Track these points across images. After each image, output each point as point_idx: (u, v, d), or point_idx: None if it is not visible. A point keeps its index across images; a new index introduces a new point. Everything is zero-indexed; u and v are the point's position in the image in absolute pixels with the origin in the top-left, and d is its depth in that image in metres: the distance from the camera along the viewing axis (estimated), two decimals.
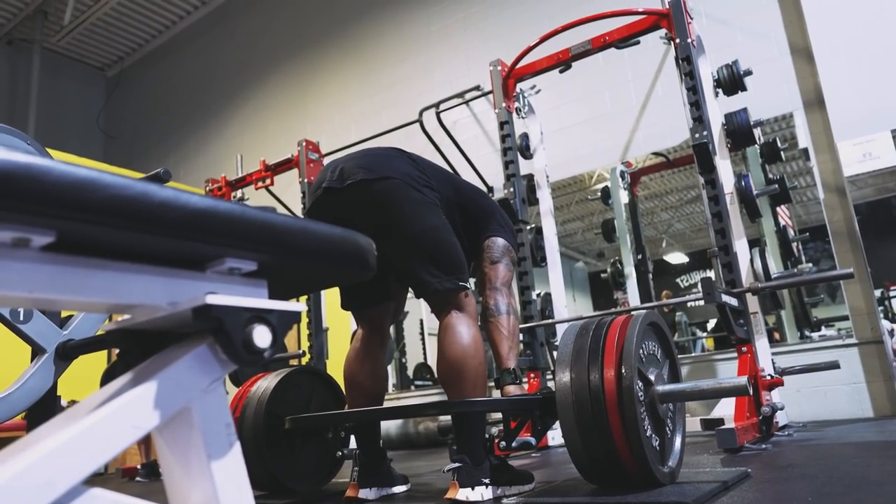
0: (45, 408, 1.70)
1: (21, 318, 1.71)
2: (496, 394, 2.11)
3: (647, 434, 1.49)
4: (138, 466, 4.18)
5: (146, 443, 4.10)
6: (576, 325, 1.67)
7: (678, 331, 7.40)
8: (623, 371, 1.47)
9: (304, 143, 4.70)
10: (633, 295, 5.04)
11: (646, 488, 1.48)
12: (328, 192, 1.89)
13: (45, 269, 0.62)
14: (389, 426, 4.62)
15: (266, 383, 2.26)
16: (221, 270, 0.77)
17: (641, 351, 1.58)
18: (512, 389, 1.87)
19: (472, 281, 2.35)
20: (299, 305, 0.80)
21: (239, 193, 5.26)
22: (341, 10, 6.75)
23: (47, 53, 8.28)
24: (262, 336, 0.73)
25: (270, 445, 2.11)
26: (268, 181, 4.87)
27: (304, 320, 4.57)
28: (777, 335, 4.73)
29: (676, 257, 9.50)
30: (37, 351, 1.75)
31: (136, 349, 0.79)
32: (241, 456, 0.75)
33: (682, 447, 1.68)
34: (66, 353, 1.77)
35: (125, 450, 0.67)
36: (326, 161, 4.88)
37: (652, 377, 1.57)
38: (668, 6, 3.26)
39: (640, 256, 5.41)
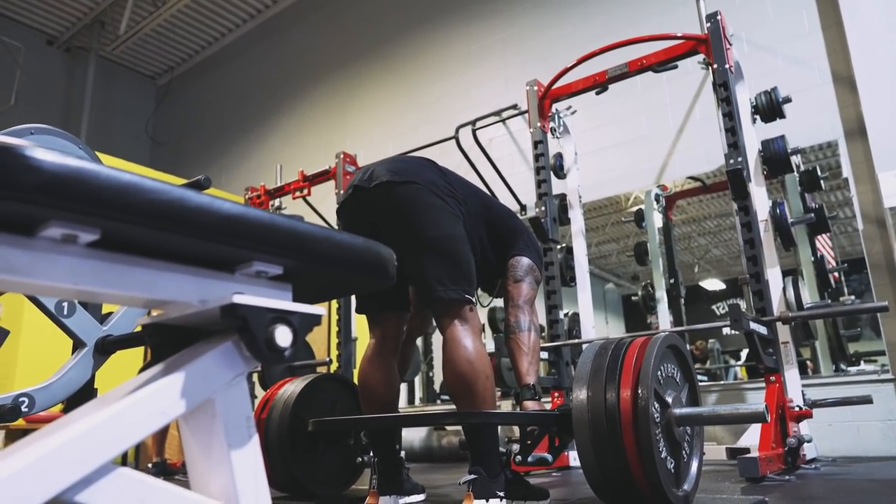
0: (82, 399, 1.78)
1: (65, 312, 1.81)
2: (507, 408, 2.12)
3: (662, 456, 1.50)
4: (149, 465, 4.21)
5: (160, 441, 4.15)
6: (595, 344, 1.69)
7: (710, 358, 7.28)
8: (639, 391, 1.48)
9: (341, 156, 4.80)
10: (663, 319, 4.99)
11: None
12: (357, 190, 1.97)
13: (89, 263, 0.68)
14: (413, 439, 4.65)
15: (293, 387, 2.32)
16: (249, 273, 0.82)
17: (660, 373, 1.59)
18: (530, 405, 1.89)
19: (487, 298, 2.38)
20: (320, 309, 0.85)
21: (277, 202, 5.39)
22: (385, 28, 6.90)
23: (102, 61, 8.63)
24: (283, 335, 0.78)
25: (294, 448, 2.17)
26: (305, 191, 4.99)
27: (335, 329, 4.65)
28: (811, 366, 4.62)
29: (712, 284, 9.36)
30: (77, 344, 1.84)
31: (168, 343, 0.85)
32: (259, 448, 0.79)
33: (698, 472, 1.67)
34: (105, 348, 1.85)
35: (150, 436, 0.72)
36: None
37: (669, 399, 1.57)
38: (706, 32, 3.27)
39: (672, 281, 5.35)
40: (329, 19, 7.54)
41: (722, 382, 4.64)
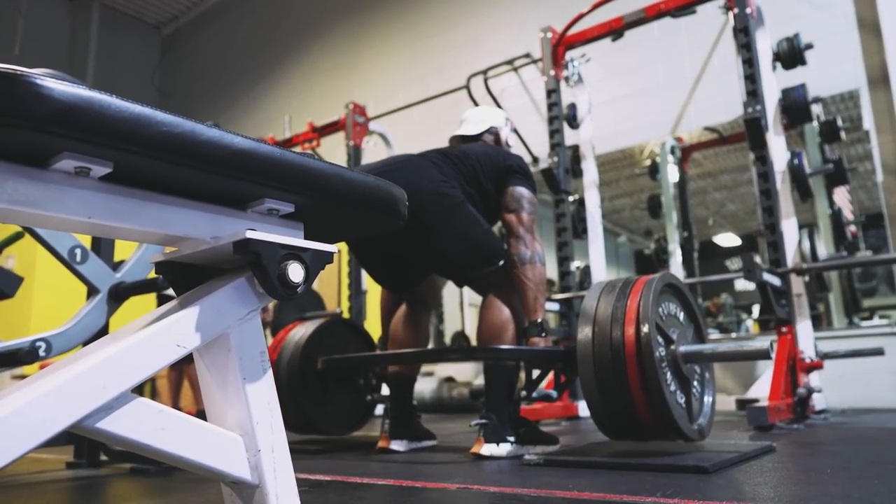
0: None
1: (78, 259, 1.82)
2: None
3: (672, 390, 1.53)
4: None
5: (175, 391, 4.22)
6: (600, 283, 1.72)
7: (723, 313, 7.29)
8: (641, 328, 1.50)
9: (350, 106, 4.75)
10: (676, 273, 4.98)
11: (663, 442, 1.53)
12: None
13: (102, 197, 0.68)
14: (424, 390, 4.72)
15: (304, 329, 2.35)
16: (261, 210, 0.82)
17: (661, 310, 1.62)
18: (537, 342, 1.91)
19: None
20: (333, 247, 0.84)
21: None
22: None
23: (106, 10, 8.50)
24: (296, 272, 0.78)
25: (305, 388, 2.21)
26: (314, 143, 4.95)
27: (346, 281, 4.68)
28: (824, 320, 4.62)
29: (727, 239, 9.29)
30: (91, 291, 1.86)
31: (181, 280, 0.85)
32: (273, 381, 0.80)
33: (712, 407, 1.71)
34: (118, 295, 1.87)
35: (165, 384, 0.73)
36: (372, 125, 4.93)
37: (674, 336, 1.60)
38: None
39: (685, 234, 5.32)
40: None
41: (733, 335, 4.65)
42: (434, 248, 1.95)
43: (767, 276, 2.59)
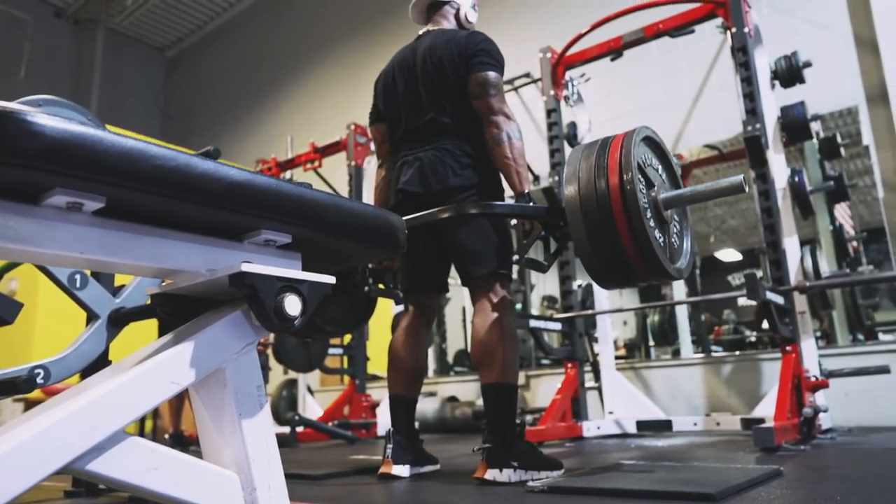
0: (96, 370, 1.79)
1: (78, 284, 1.81)
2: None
3: (655, 234, 1.61)
4: (165, 436, 4.25)
5: (176, 412, 4.18)
6: (581, 144, 1.81)
7: (726, 329, 7.23)
8: (624, 176, 1.58)
9: (352, 127, 4.77)
10: (678, 290, 4.95)
11: (654, 279, 1.70)
12: (408, 196, 2.03)
13: (95, 232, 0.67)
14: (426, 410, 4.68)
15: None
16: (258, 241, 0.81)
17: (642, 158, 1.69)
18: None
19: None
20: (330, 278, 0.83)
21: (288, 174, 5.38)
22: None
23: (111, 33, 8.58)
24: (292, 304, 0.77)
25: None
26: (316, 163, 4.96)
27: None
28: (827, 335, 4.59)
29: (728, 254, 9.26)
30: (91, 317, 1.85)
31: (178, 313, 0.84)
32: (270, 416, 0.79)
33: (691, 250, 1.83)
34: (118, 320, 1.86)
35: (166, 407, 0.72)
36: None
37: (655, 184, 1.68)
38: None
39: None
40: None
41: (737, 353, 4.61)
42: (458, 235, 1.98)
43: (770, 295, 2.58)
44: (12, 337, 4.77)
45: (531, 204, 1.92)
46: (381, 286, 2.27)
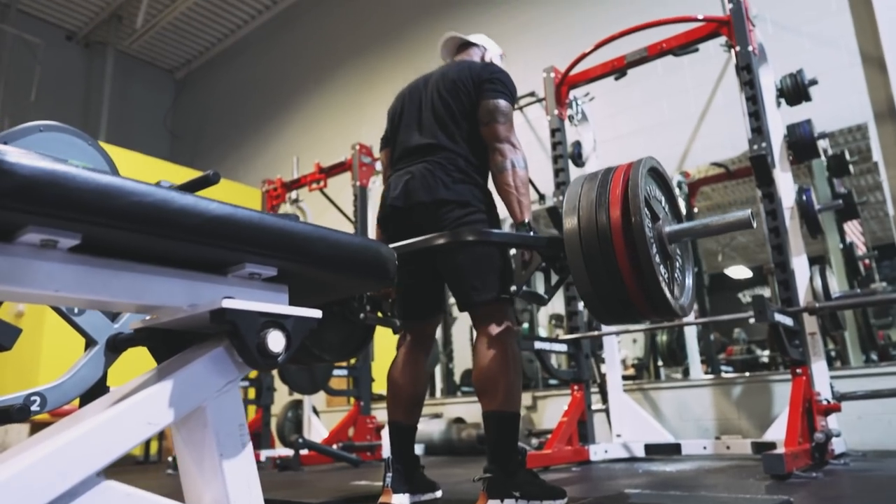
0: (94, 396, 1.77)
1: (76, 310, 1.80)
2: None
3: (661, 270, 1.57)
4: (170, 458, 4.20)
5: None
6: (582, 175, 1.76)
7: (737, 348, 7.15)
8: (630, 208, 1.53)
9: (357, 147, 4.77)
10: None
11: (657, 316, 1.64)
12: (396, 210, 2.01)
13: (71, 269, 0.65)
14: (433, 432, 4.63)
15: None
16: (242, 275, 0.79)
17: (649, 191, 1.65)
18: None
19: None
20: (316, 312, 0.81)
21: (294, 194, 5.38)
22: (399, 16, 6.83)
23: (121, 56, 8.68)
24: (276, 341, 0.75)
25: None
26: (322, 183, 4.97)
27: None
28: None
29: (738, 271, 9.18)
30: (89, 342, 1.83)
31: (162, 347, 0.82)
32: (253, 456, 0.76)
33: (693, 287, 1.79)
34: (116, 346, 1.84)
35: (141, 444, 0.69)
36: (379, 165, 4.94)
37: (660, 216, 1.65)
38: (728, 13, 3.17)
39: (696, 270, 5.25)
40: (343, 9, 7.49)
41: (746, 374, 4.54)
42: (450, 261, 1.94)
43: (779, 317, 2.53)
44: (20, 360, 4.77)
45: (531, 234, 1.88)
46: (378, 314, 2.24)
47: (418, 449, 4.57)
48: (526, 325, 6.25)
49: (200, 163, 8.19)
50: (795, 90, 3.32)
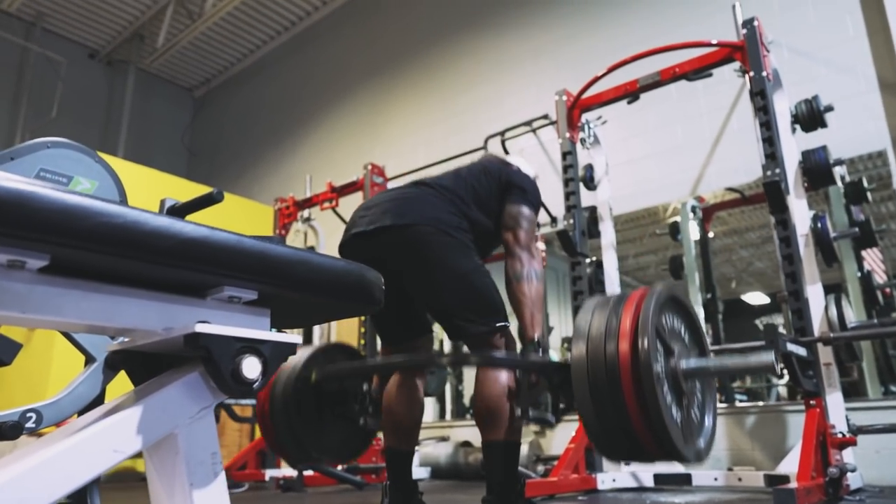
0: None
1: None
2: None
3: (669, 408, 1.47)
4: None
5: None
6: (595, 298, 1.68)
7: (751, 376, 7.02)
8: (640, 342, 1.45)
9: (369, 167, 4.79)
10: None
11: (666, 459, 1.50)
12: (357, 237, 1.92)
13: (39, 290, 0.64)
14: (439, 455, 4.58)
15: (301, 354, 2.29)
16: (221, 298, 0.77)
17: (664, 322, 1.56)
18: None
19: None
20: (295, 337, 0.79)
21: (306, 213, 5.40)
22: (416, 38, 6.89)
23: (141, 73, 8.83)
24: (251, 367, 0.73)
25: (299, 414, 2.13)
26: (333, 202, 4.98)
27: (362, 342, 4.61)
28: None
29: (756, 297, 9.04)
30: (88, 359, 1.82)
31: (138, 370, 0.81)
32: (225, 486, 0.74)
33: (713, 426, 1.66)
34: (115, 363, 1.83)
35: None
36: (390, 185, 4.96)
37: (675, 351, 1.55)
38: (742, 38, 3.15)
39: (709, 296, 5.17)
40: (360, 30, 7.58)
41: (760, 404, 4.44)
42: (432, 282, 1.86)
43: (791, 347, 2.47)
44: (29, 375, 4.80)
45: (539, 352, 1.84)
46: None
47: (423, 472, 4.51)
48: None
49: (216, 180, 8.27)
50: (811, 116, 3.28)
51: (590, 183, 3.98)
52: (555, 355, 5.82)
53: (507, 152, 4.96)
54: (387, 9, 7.36)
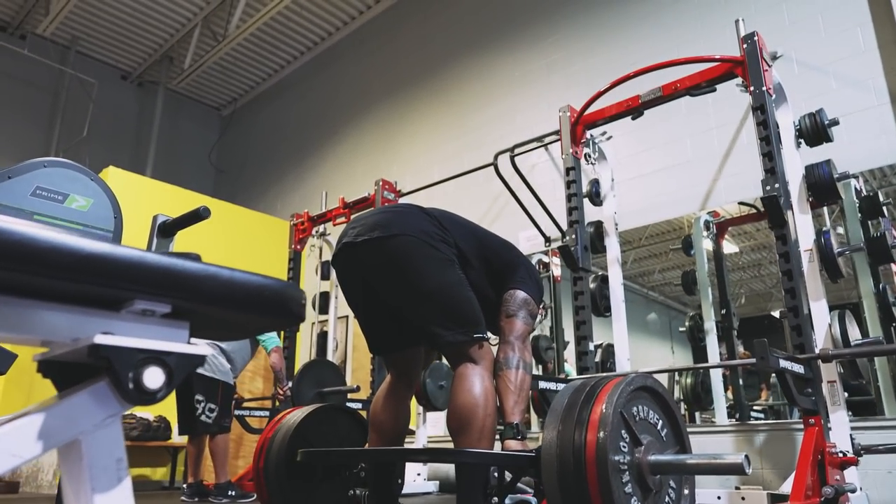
0: None
1: None
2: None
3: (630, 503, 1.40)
4: (184, 485, 4.26)
5: (196, 462, 4.19)
6: (574, 382, 1.62)
7: (772, 392, 6.86)
8: (599, 434, 1.40)
9: (380, 183, 4.86)
10: (712, 352, 4.74)
11: None
12: (346, 246, 1.98)
13: None
14: (448, 469, 4.57)
15: (298, 415, 2.32)
16: (135, 311, 0.81)
17: (635, 413, 1.51)
18: (513, 444, 1.81)
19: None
20: (203, 349, 0.82)
21: (321, 228, 5.49)
22: (432, 57, 6.99)
23: (169, 94, 9.10)
24: (153, 377, 0.76)
25: (290, 476, 2.15)
26: (345, 218, 5.06)
27: (370, 356, 4.65)
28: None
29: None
30: None
31: (61, 378, 0.85)
32: (130, 492, 0.77)
33: None
34: (42, 372, 1.89)
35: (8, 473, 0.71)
36: (402, 200, 5.01)
37: (644, 443, 1.47)
38: (742, 53, 3.14)
39: (724, 312, 5.09)
40: (378, 50, 7.71)
41: (770, 422, 4.34)
42: (413, 289, 1.89)
43: (785, 364, 2.43)
44: (35, 382, 4.94)
45: (518, 437, 1.85)
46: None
47: (432, 486, 4.51)
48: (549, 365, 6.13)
49: (242, 197, 8.45)
50: (815, 130, 3.24)
51: (595, 198, 3.98)
52: (570, 368, 5.76)
53: (516, 169, 4.98)
54: (404, 29, 7.48)
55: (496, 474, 1.78)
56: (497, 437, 1.86)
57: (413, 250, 1.89)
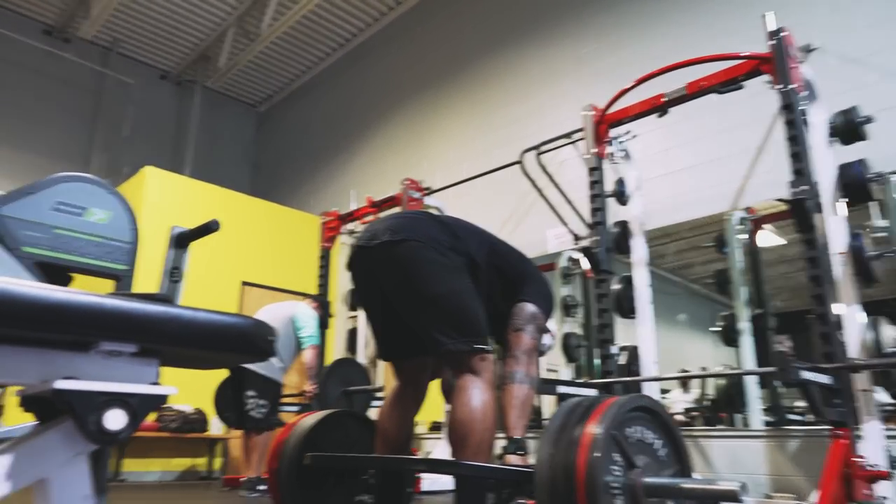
0: None
1: None
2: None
3: None
4: (241, 479, 4.37)
5: (249, 455, 4.27)
6: (572, 400, 1.60)
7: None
8: (590, 455, 1.38)
9: (406, 182, 4.87)
10: (746, 352, 4.62)
11: None
12: (360, 249, 1.99)
13: None
14: None
15: (310, 419, 2.34)
16: (103, 351, 0.84)
17: (629, 434, 1.49)
18: (513, 459, 1.80)
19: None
20: (167, 389, 0.85)
21: (350, 227, 5.54)
22: (462, 53, 6.96)
23: (207, 92, 9.30)
24: (115, 419, 0.79)
25: (301, 482, 2.19)
26: (372, 217, 5.09)
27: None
28: None
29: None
30: None
31: (39, 413, 0.88)
32: None
33: None
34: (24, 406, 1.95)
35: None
36: (428, 200, 5.02)
37: (639, 465, 1.45)
38: (770, 50, 3.03)
39: (759, 311, 4.95)
40: (409, 46, 7.72)
41: (804, 428, 4.21)
42: (417, 293, 1.89)
43: (808, 375, 2.35)
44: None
45: (519, 452, 1.84)
46: None
47: (449, 484, 4.52)
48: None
49: (277, 194, 8.58)
50: (848, 128, 3.11)
51: (621, 197, 3.91)
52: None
53: (542, 167, 4.93)
54: (433, 26, 7.47)
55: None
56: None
57: (419, 256, 1.89)
